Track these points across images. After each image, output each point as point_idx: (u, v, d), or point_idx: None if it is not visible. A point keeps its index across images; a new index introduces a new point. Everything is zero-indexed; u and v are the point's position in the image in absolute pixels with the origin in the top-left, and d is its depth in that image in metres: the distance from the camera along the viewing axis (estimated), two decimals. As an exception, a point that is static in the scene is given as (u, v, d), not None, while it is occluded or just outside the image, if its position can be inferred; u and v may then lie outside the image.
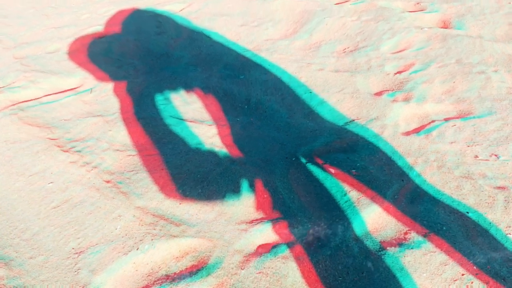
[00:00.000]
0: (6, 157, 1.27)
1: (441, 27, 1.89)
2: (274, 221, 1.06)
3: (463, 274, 0.91)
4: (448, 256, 0.95)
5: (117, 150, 1.31)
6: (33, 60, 1.79)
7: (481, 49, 1.68)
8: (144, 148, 1.31)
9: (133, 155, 1.28)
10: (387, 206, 1.08)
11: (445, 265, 0.93)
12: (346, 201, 1.11)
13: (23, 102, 1.53)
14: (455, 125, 1.33)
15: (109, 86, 1.64)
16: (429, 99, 1.46)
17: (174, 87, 1.63)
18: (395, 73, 1.62)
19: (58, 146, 1.31)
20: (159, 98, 1.56)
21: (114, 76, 1.71)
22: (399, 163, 1.21)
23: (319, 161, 1.23)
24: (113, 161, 1.27)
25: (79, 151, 1.30)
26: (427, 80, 1.55)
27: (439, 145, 1.26)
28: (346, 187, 1.15)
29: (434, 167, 1.19)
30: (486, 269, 0.91)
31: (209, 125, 1.42)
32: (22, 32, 2.05)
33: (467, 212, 1.04)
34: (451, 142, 1.26)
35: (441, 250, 0.96)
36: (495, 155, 1.18)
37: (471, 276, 0.91)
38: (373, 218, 1.05)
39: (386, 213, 1.06)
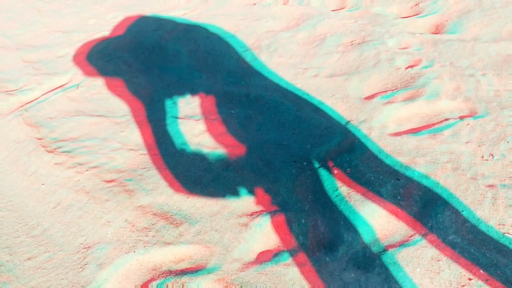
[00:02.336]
0: (15, 156, 1.30)
1: (433, 32, 1.84)
2: (272, 213, 1.06)
3: (469, 277, 0.92)
4: (441, 253, 0.95)
5: (131, 149, 1.31)
6: (45, 64, 1.79)
7: (470, 53, 1.63)
8: (151, 148, 1.33)
9: (144, 154, 1.30)
10: (390, 208, 1.07)
11: (438, 261, 0.94)
12: (347, 203, 1.10)
13: (28, 103, 1.55)
14: (469, 124, 1.28)
15: (98, 82, 1.62)
16: (443, 95, 1.41)
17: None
18: (407, 67, 1.58)
19: (43, 146, 1.31)
20: (164, 99, 1.57)
21: (103, 71, 1.69)
22: (388, 161, 1.19)
23: (331, 163, 1.20)
24: (125, 160, 1.28)
25: (69, 152, 1.28)
26: (437, 76, 1.51)
27: (453, 145, 1.22)
28: (351, 189, 1.13)
29: (447, 169, 1.15)
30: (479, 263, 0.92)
31: (196, 120, 1.39)
32: (20, 31, 2.03)
33: (462, 211, 1.05)
34: (467, 142, 1.22)
35: (439, 250, 0.98)
36: (492, 155, 1.18)
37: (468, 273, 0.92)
38: (375, 218, 1.04)
39: (392, 215, 1.05)
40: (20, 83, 1.66)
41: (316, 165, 1.21)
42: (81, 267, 0.96)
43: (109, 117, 1.46)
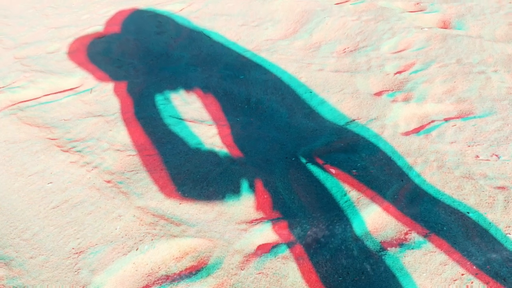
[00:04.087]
0: (6, 157, 1.26)
1: (441, 27, 1.89)
2: (274, 220, 1.06)
3: (462, 274, 0.91)
4: (448, 256, 0.95)
5: (118, 150, 1.30)
6: (33, 60, 1.77)
7: (481, 49, 1.67)
8: (143, 148, 1.31)
9: (133, 155, 1.28)
10: (386, 206, 1.08)
11: (444, 265, 0.93)
12: (346, 201, 1.10)
13: (22, 102, 1.52)
14: (455, 125, 1.32)
15: (109, 86, 1.63)
16: (429, 99, 1.45)
17: (173, 86, 1.63)
18: (395, 73, 1.61)
19: (58, 146, 1.31)
20: (159, 98, 1.55)
21: (114, 76, 1.70)
22: (399, 163, 1.21)
23: (320, 161, 1.22)
24: (113, 161, 1.27)
25: (80, 151, 1.29)
26: (427, 80, 1.54)
27: (439, 145, 1.25)
28: (346, 187, 1.14)
29: (434, 167, 1.18)
30: (486, 269, 0.91)
31: (209, 125, 1.41)
32: (23, 33, 2.04)
33: (468, 212, 1.04)
34: (451, 142, 1.25)
35: (441, 250, 0.96)
36: (496, 155, 1.18)
37: (471, 276, 0.91)
38: (373, 218, 1.05)
39: (386, 213, 1.06)
40: (8, 80, 1.64)
41: (303, 160, 1.24)
42: (76, 271, 0.95)
43: (104, 116, 1.46)
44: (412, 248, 0.97)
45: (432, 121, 1.36)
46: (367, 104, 1.46)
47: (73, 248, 1.00)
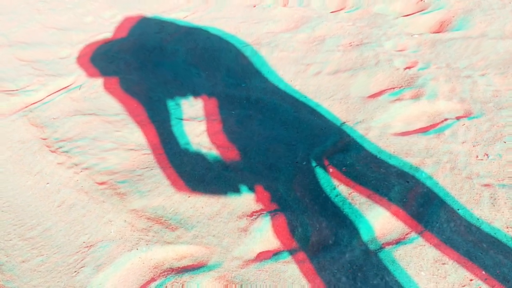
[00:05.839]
0: (19, 156, 1.30)
1: (436, 31, 1.82)
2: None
3: (471, 280, 0.92)
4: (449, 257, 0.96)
5: (131, 149, 1.30)
6: (46, 65, 1.76)
7: (472, 53, 1.61)
8: (156, 148, 1.33)
9: (148, 154, 1.29)
10: (395, 210, 1.06)
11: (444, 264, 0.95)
12: (351, 209, 1.09)
13: (33, 104, 1.55)
14: (464, 124, 1.29)
15: (98, 82, 1.60)
16: (441, 96, 1.40)
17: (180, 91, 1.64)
18: (405, 68, 1.58)
19: (47, 146, 1.31)
20: (168, 103, 1.56)
21: (104, 71, 1.67)
22: (401, 164, 1.19)
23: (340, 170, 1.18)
24: (120, 160, 1.27)
25: (67, 152, 1.28)
26: (434, 77, 1.51)
27: (452, 145, 1.22)
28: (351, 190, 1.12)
29: (447, 169, 1.15)
30: (495, 274, 0.91)
31: (199, 121, 1.38)
32: (14, 29, 1.99)
33: (458, 209, 1.06)
34: (463, 142, 1.22)
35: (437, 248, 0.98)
36: (486, 155, 1.18)
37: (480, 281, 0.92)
38: (382, 223, 1.04)
39: (395, 218, 1.05)
40: (21, 83, 1.64)
41: (313, 163, 1.23)
42: (79, 268, 0.97)
43: (99, 115, 1.44)
44: (405, 244, 1.00)
45: (445, 119, 1.31)
46: (358, 107, 1.43)
47: (84, 242, 1.03)
